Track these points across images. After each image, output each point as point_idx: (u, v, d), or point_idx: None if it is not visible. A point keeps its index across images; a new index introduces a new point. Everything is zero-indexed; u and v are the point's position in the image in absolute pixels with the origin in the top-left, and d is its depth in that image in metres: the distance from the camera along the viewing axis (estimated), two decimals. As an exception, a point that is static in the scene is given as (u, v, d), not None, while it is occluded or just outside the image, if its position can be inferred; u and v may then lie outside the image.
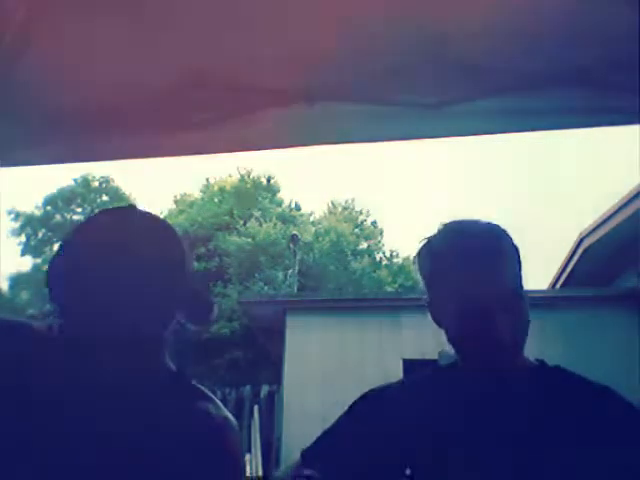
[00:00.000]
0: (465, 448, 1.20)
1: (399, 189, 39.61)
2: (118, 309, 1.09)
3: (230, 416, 1.23)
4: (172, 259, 1.19)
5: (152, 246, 1.16)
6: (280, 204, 25.71)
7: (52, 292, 1.13)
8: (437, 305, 1.30)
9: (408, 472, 1.27)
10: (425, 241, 1.34)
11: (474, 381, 1.24)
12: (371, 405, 1.35)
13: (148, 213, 1.24)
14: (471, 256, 1.23)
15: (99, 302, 1.08)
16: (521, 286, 1.26)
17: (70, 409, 1.07)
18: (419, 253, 1.35)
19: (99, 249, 1.11)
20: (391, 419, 1.29)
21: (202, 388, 1.24)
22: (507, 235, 1.30)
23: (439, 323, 1.30)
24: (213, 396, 1.23)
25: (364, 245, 26.17)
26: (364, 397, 1.37)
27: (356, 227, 26.17)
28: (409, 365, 7.69)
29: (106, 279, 1.08)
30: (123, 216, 1.20)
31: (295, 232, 18.28)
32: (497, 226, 1.31)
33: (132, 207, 1.24)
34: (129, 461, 1.07)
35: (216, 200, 24.94)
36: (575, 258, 8.92)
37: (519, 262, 1.28)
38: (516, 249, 1.29)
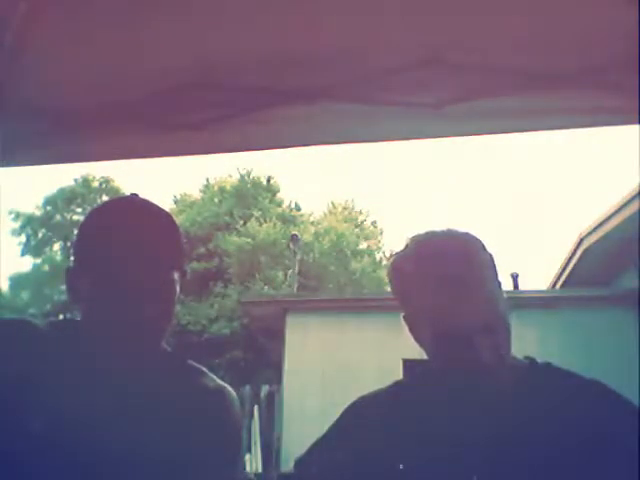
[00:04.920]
0: (456, 451, 1.19)
1: (399, 189, 39.62)
2: (138, 300, 1.13)
3: (227, 386, 1.29)
4: (179, 249, 1.23)
5: (166, 238, 1.20)
6: (280, 204, 25.69)
7: (76, 287, 1.18)
8: (412, 323, 1.27)
9: (401, 467, 1.26)
10: (392, 258, 1.30)
11: (463, 384, 1.23)
12: (362, 412, 1.34)
13: (152, 204, 1.27)
14: (439, 274, 1.19)
15: (120, 295, 1.12)
16: (498, 295, 1.23)
17: (85, 391, 1.11)
18: (389, 270, 1.32)
19: (117, 243, 1.14)
20: (381, 425, 1.28)
21: (198, 365, 1.29)
22: (479, 244, 1.26)
23: (417, 341, 1.27)
24: (208, 371, 1.30)
25: (364, 245, 26.15)
26: (354, 404, 1.36)
27: (356, 227, 26.15)
28: (409, 365, 7.69)
29: (126, 273, 1.12)
30: (128, 211, 1.22)
31: (295, 232, 18.27)
32: (468, 235, 1.27)
33: (136, 198, 1.27)
34: (135, 436, 1.11)
35: (216, 200, 24.91)
36: (575, 258, 8.91)
37: (494, 270, 1.25)
38: (490, 257, 1.26)
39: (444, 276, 1.18)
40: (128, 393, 1.14)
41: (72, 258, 1.21)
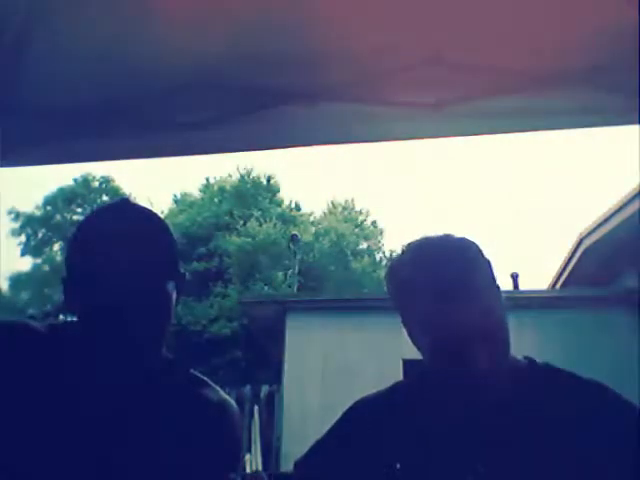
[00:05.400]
0: (456, 452, 1.18)
1: (399, 189, 39.65)
2: (132, 306, 1.12)
3: (228, 398, 1.27)
4: (171, 253, 1.21)
5: (157, 244, 1.19)
6: (280, 204, 25.70)
7: (71, 294, 1.17)
8: (410, 328, 1.27)
9: (398, 466, 1.25)
10: (390, 264, 1.30)
11: (462, 386, 1.23)
12: (362, 414, 1.34)
13: (142, 208, 1.26)
14: (434, 281, 1.18)
15: (115, 301, 1.11)
16: (496, 300, 1.22)
17: (80, 400, 1.10)
18: (385, 277, 1.31)
19: (111, 250, 1.13)
20: (381, 427, 1.28)
21: (200, 375, 1.28)
22: (475, 249, 1.25)
23: (415, 345, 1.27)
24: (211, 382, 1.27)
25: (364, 245, 26.17)
26: (354, 406, 1.36)
27: (356, 227, 26.16)
28: (409, 365, 7.69)
29: (121, 278, 1.11)
30: (122, 215, 1.21)
31: (295, 232, 18.27)
32: (465, 240, 1.26)
33: (125, 203, 1.26)
34: (134, 448, 1.10)
35: (216, 200, 24.93)
36: (575, 258, 8.91)
37: (491, 275, 1.25)
38: (487, 262, 1.25)
39: (440, 283, 1.18)
40: (127, 403, 1.13)
41: (65, 268, 1.19)
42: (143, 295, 1.12)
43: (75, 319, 1.19)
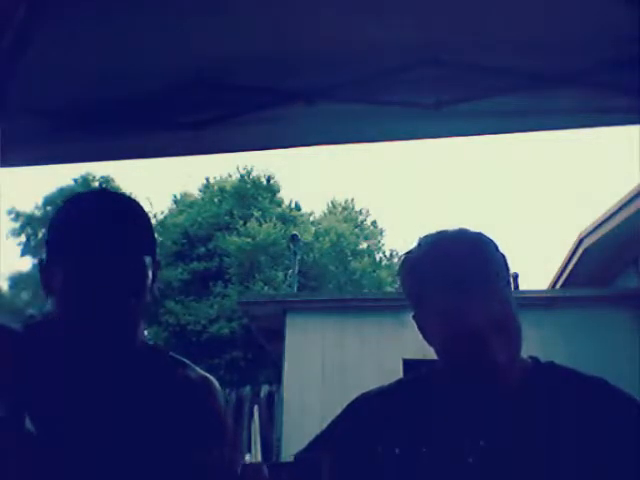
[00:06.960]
0: (458, 451, 1.19)
1: (399, 189, 39.65)
2: (109, 292, 1.13)
3: (209, 376, 1.29)
4: (149, 238, 1.23)
5: (135, 227, 1.20)
6: (280, 204, 25.68)
7: (48, 281, 1.17)
8: (423, 324, 1.27)
9: (400, 461, 1.25)
10: (404, 257, 1.30)
11: (470, 383, 1.22)
12: (364, 408, 1.34)
13: (122, 194, 1.29)
14: (452, 274, 1.18)
15: (89, 286, 1.12)
16: (509, 295, 1.22)
17: (63, 385, 1.11)
18: (399, 271, 1.31)
19: (84, 235, 1.14)
20: (384, 422, 1.28)
21: (178, 356, 1.29)
22: (491, 244, 1.25)
23: (427, 340, 1.27)
24: (190, 362, 1.29)
25: (364, 245, 26.16)
26: (357, 400, 1.36)
27: (356, 227, 26.15)
28: (409, 365, 7.68)
29: (96, 265, 1.12)
30: (98, 202, 1.22)
31: (295, 232, 18.26)
32: (480, 235, 1.26)
33: (104, 189, 1.28)
34: (121, 433, 1.11)
35: (216, 200, 24.91)
36: (575, 258, 8.91)
37: (506, 270, 1.25)
38: (502, 257, 1.25)
39: (456, 277, 1.18)
40: (108, 388, 1.14)
41: (45, 253, 1.21)
42: (118, 275, 1.13)
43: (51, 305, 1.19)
